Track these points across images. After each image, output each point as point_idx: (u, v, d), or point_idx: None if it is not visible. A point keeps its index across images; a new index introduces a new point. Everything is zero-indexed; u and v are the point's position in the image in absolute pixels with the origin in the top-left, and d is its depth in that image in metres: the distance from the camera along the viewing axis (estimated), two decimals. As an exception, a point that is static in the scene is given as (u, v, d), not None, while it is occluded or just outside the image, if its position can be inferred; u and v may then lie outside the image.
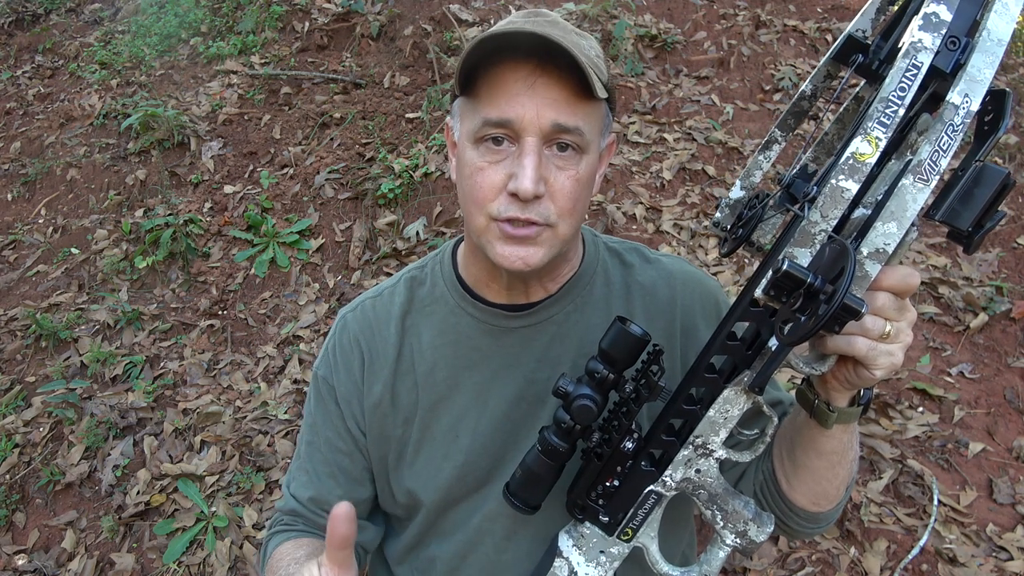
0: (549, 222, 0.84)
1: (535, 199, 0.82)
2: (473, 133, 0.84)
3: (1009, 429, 2.47)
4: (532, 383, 0.98)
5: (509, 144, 0.83)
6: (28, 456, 2.75)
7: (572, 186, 0.84)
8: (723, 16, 4.45)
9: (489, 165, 0.84)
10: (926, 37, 0.61)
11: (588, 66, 0.78)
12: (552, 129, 0.81)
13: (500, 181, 0.83)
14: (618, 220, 3.21)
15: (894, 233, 0.63)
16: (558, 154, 0.83)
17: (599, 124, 0.87)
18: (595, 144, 0.87)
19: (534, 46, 0.78)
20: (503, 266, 0.86)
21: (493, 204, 0.84)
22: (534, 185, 0.80)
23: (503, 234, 0.84)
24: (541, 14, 0.86)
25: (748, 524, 0.82)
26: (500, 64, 0.81)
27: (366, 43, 4.52)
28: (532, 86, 0.80)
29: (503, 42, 0.78)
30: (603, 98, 0.83)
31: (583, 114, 0.83)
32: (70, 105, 4.59)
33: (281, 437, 2.71)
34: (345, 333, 1.05)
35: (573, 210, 0.86)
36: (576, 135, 0.82)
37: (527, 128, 0.80)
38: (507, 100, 0.80)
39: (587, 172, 0.86)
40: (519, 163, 0.81)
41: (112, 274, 3.57)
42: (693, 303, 1.01)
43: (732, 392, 0.75)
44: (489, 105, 0.82)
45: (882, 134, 0.61)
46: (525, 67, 0.80)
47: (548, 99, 0.80)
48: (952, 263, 3.08)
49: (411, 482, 1.02)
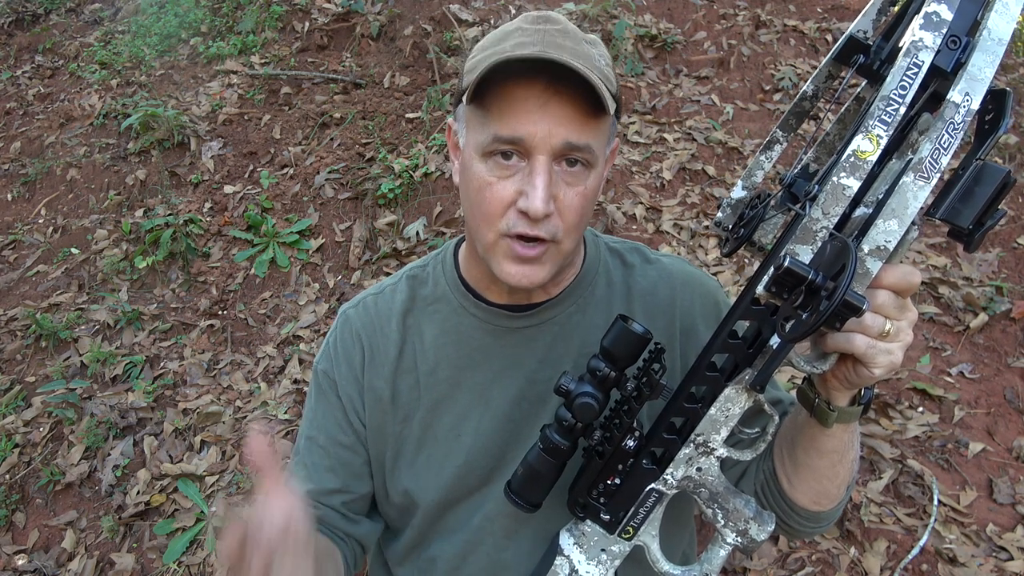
0: (556, 239, 0.85)
1: (545, 218, 0.82)
2: (482, 146, 0.84)
3: (1009, 429, 2.47)
4: (534, 383, 0.98)
5: (519, 160, 0.83)
6: (28, 456, 2.75)
7: (580, 202, 0.84)
8: (723, 16, 4.45)
9: (498, 180, 0.83)
10: (927, 36, 0.61)
11: (601, 81, 0.78)
12: (563, 147, 0.81)
13: (509, 197, 0.83)
14: (618, 220, 3.21)
15: (895, 230, 0.63)
16: (568, 170, 0.83)
17: (607, 136, 0.88)
18: (602, 156, 0.87)
19: (551, 67, 0.78)
20: (508, 283, 0.87)
21: (502, 220, 0.84)
22: (545, 205, 0.80)
23: (511, 253, 0.85)
24: (551, 20, 0.85)
25: (749, 523, 0.82)
26: (512, 79, 0.80)
27: (366, 43, 4.52)
28: (544, 105, 0.79)
29: (519, 66, 0.78)
30: (613, 110, 0.83)
31: (593, 131, 0.83)
32: (70, 105, 4.59)
33: (281, 437, 2.71)
34: (347, 328, 1.06)
35: (579, 225, 0.86)
36: (586, 152, 0.82)
37: (539, 146, 0.80)
38: (518, 118, 0.80)
39: (593, 186, 0.86)
40: (530, 182, 0.81)
41: (112, 274, 3.57)
42: (693, 303, 1.01)
43: (733, 390, 0.75)
44: (500, 122, 0.81)
45: (883, 132, 0.61)
46: (537, 85, 0.80)
47: (560, 118, 0.80)
48: (952, 263, 3.08)
49: (410, 482, 1.01)
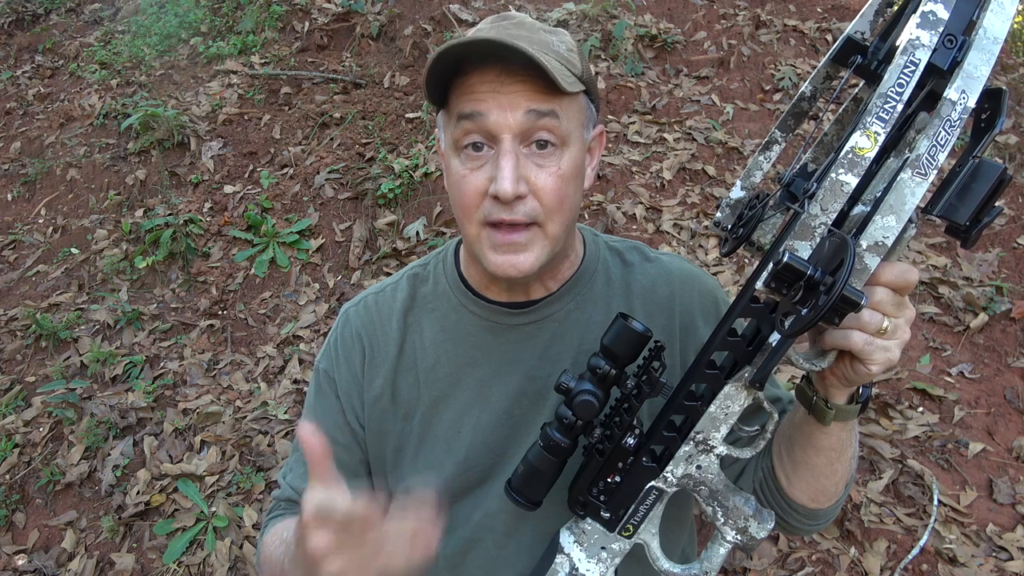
0: (537, 220, 0.85)
1: (517, 199, 0.83)
2: (452, 138, 0.86)
3: (1009, 429, 2.48)
4: (533, 380, 0.99)
5: (488, 149, 0.85)
6: (28, 456, 2.75)
7: (556, 183, 0.85)
8: (723, 16, 4.46)
9: (471, 172, 0.86)
10: (924, 35, 0.61)
11: (556, 60, 0.80)
12: (526, 121, 0.82)
13: (483, 185, 0.85)
14: (618, 220, 3.22)
15: (893, 226, 0.63)
16: (537, 152, 0.84)
17: (579, 116, 0.88)
18: (576, 136, 0.87)
19: (496, 51, 0.80)
20: (496, 274, 0.89)
21: (479, 210, 0.86)
22: (512, 185, 0.82)
23: (492, 242, 0.86)
24: (507, 17, 0.89)
25: (749, 521, 0.82)
26: (468, 73, 0.83)
27: (366, 43, 4.52)
28: (501, 86, 0.82)
29: (463, 51, 0.81)
30: (575, 92, 0.84)
31: (557, 103, 0.84)
32: (70, 105, 4.60)
33: (281, 437, 2.71)
34: (347, 327, 1.06)
35: (561, 207, 0.86)
36: (551, 119, 0.83)
37: (501, 127, 0.82)
38: (477, 97, 0.83)
39: (571, 167, 0.87)
40: (497, 165, 0.83)
41: (112, 274, 3.57)
42: (692, 301, 1.02)
43: (733, 388, 0.76)
44: (461, 105, 0.84)
45: (881, 129, 0.61)
46: (491, 72, 0.82)
47: (518, 93, 0.82)
48: (952, 263, 3.08)
49: (411, 478, 1.02)
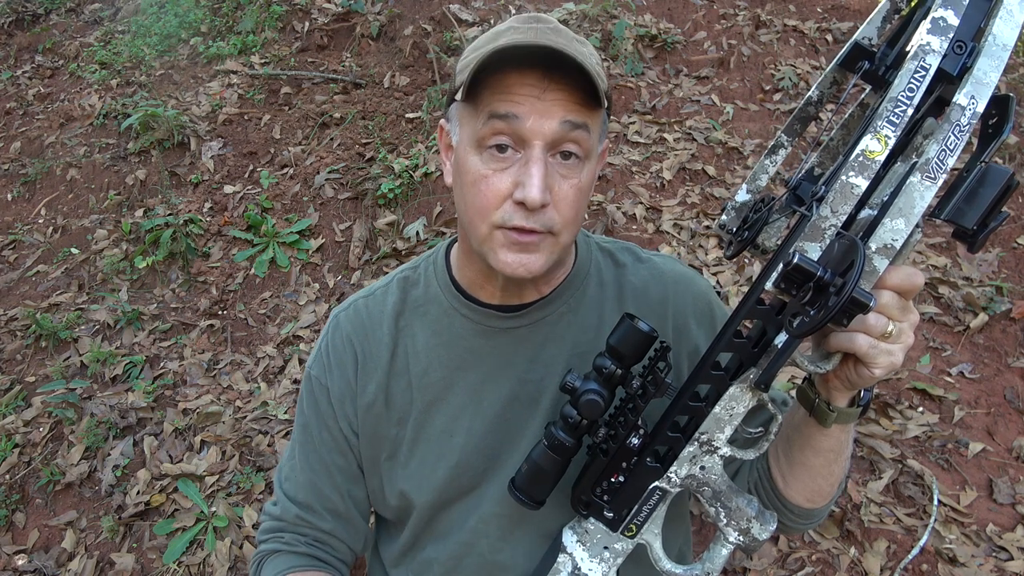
0: (553, 231, 0.84)
1: (541, 208, 0.82)
2: (476, 136, 0.83)
3: (1009, 429, 2.48)
4: (525, 383, 0.98)
5: (514, 152, 0.82)
6: (28, 456, 2.75)
7: (575, 195, 0.84)
8: (723, 16, 4.46)
9: (494, 173, 0.83)
10: (934, 40, 0.62)
11: (594, 74, 0.79)
12: (560, 130, 0.81)
13: (506, 189, 0.83)
14: (618, 220, 3.22)
15: (902, 229, 0.64)
16: (562, 162, 0.83)
17: (600, 130, 0.88)
18: (595, 150, 0.88)
19: (543, 56, 0.78)
20: (504, 272, 0.86)
21: (497, 212, 0.83)
22: (541, 194, 0.80)
23: (508, 241, 0.84)
24: (542, 20, 0.86)
25: (751, 522, 0.83)
26: (507, 70, 0.80)
27: (366, 43, 4.52)
28: (543, 92, 0.80)
29: (510, 52, 0.78)
30: (604, 107, 0.84)
31: (590, 116, 0.83)
32: (70, 105, 4.59)
33: (281, 437, 2.71)
34: (338, 333, 1.05)
35: (575, 219, 0.86)
36: (583, 132, 0.82)
37: (534, 133, 0.80)
38: (515, 98, 0.80)
39: (589, 180, 0.87)
40: (526, 171, 0.81)
41: (112, 274, 3.57)
42: (686, 304, 1.02)
43: (738, 389, 0.76)
44: (496, 101, 0.81)
45: (891, 132, 0.62)
46: (532, 75, 0.80)
47: (557, 102, 0.80)
48: (952, 263, 3.09)
49: (404, 483, 1.02)
